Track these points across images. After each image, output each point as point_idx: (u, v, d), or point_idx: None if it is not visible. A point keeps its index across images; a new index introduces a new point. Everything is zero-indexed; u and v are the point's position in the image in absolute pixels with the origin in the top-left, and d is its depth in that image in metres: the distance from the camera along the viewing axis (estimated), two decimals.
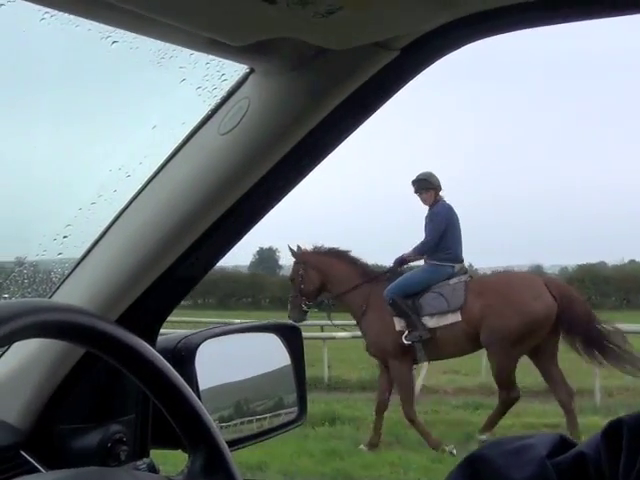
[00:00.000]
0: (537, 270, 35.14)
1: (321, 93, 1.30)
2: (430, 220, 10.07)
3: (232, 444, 1.61)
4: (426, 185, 10.07)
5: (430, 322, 9.76)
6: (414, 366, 10.50)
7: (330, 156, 1.42)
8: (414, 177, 10.16)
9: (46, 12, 1.12)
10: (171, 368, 1.22)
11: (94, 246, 1.48)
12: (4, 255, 1.77)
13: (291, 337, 1.80)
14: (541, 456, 0.89)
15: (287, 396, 1.79)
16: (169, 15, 1.07)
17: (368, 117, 1.36)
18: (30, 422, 1.49)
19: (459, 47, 1.27)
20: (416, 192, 10.14)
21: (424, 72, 1.32)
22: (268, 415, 1.74)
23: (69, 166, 1.71)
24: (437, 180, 10.17)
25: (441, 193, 10.17)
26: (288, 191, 1.44)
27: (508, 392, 9.66)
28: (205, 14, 1.06)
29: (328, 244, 10.68)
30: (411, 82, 1.34)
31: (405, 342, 9.75)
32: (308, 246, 10.75)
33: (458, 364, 14.02)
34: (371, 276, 10.34)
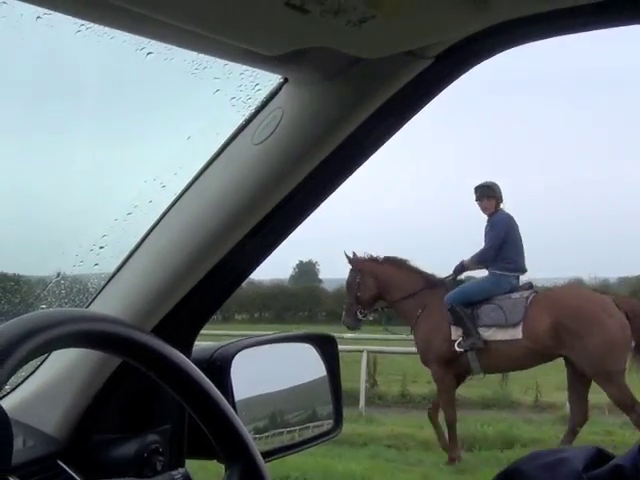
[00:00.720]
0: (578, 283, 34.58)
1: (355, 102, 1.30)
2: (490, 229, 9.93)
3: (267, 455, 1.61)
4: (488, 193, 9.93)
5: (486, 334, 9.56)
6: (468, 377, 10.29)
7: (364, 166, 1.42)
8: (477, 184, 10.05)
9: (82, 25, 1.13)
10: (206, 379, 1.22)
11: (130, 256, 1.49)
12: (42, 267, 1.79)
13: (327, 347, 1.79)
14: (577, 470, 0.88)
15: (322, 407, 1.78)
16: (203, 26, 1.07)
17: (402, 125, 1.36)
18: (67, 432, 1.50)
19: (493, 55, 1.27)
20: (477, 200, 10.01)
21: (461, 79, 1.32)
22: (303, 426, 1.73)
23: (105, 177, 1.72)
24: (499, 189, 10.03)
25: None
26: (322, 200, 1.44)
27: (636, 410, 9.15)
28: (239, 24, 1.06)
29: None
30: (446, 91, 1.34)
31: (457, 349, 9.62)
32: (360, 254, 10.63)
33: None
34: (429, 284, 10.19)
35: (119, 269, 1.50)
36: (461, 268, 10.26)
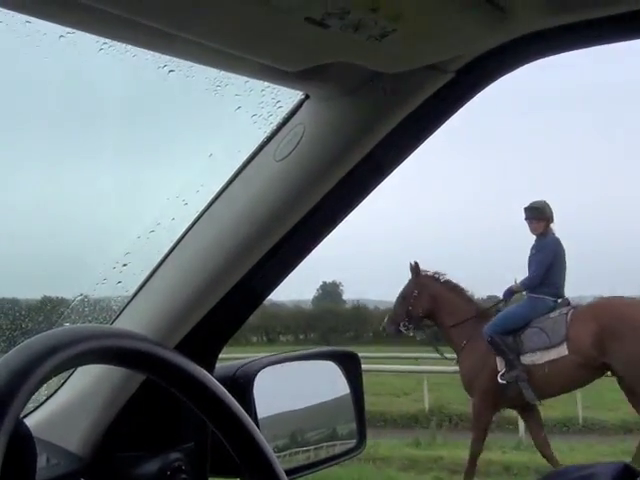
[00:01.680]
0: None
1: (376, 117, 1.30)
2: (537, 252, 9.73)
3: (289, 473, 1.60)
4: (538, 215, 9.69)
5: (533, 359, 9.36)
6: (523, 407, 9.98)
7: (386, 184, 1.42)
8: (527, 204, 9.81)
9: (104, 43, 1.14)
10: (230, 396, 1.22)
11: (153, 273, 1.49)
12: (66, 286, 1.80)
13: (350, 365, 1.78)
14: None
15: (346, 425, 1.77)
16: (223, 42, 1.08)
17: (424, 140, 1.35)
18: (91, 449, 1.50)
19: (514, 69, 1.26)
20: (526, 219, 9.78)
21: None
22: (326, 444, 1.72)
23: (128, 195, 1.73)
24: (550, 210, 9.77)
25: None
26: (344, 216, 1.44)
27: None
28: (259, 41, 1.07)
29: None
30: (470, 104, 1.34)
31: (500, 381, 9.41)
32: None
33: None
34: (482, 315, 9.97)
35: (142, 286, 1.50)
36: (510, 293, 10.06)
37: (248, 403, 1.52)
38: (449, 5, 1.04)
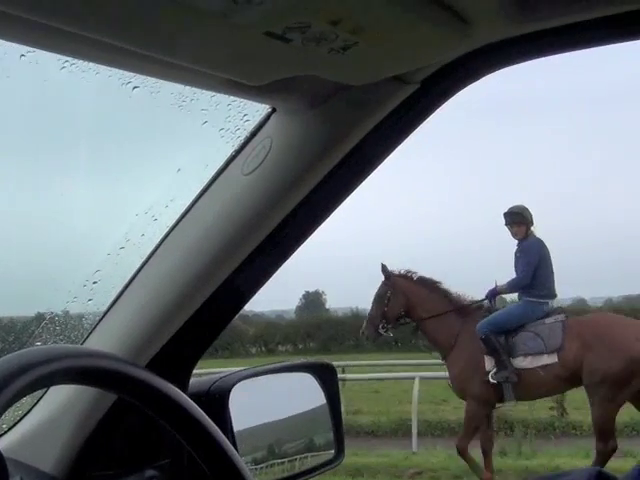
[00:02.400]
0: (581, 304, 34.43)
1: (343, 129, 1.30)
2: (522, 255, 9.79)
3: None
4: (518, 219, 9.78)
5: (524, 362, 9.42)
6: (498, 405, 10.06)
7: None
8: (506, 210, 9.88)
9: (66, 61, 1.13)
10: (202, 413, 1.21)
11: (124, 291, 1.48)
12: (35, 305, 1.78)
13: (326, 376, 1.77)
14: None
15: (323, 436, 1.76)
16: (186, 58, 1.07)
17: (392, 151, 1.36)
18: (65, 469, 1.49)
19: (479, 78, 1.27)
20: (507, 224, 9.86)
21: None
22: (304, 456, 1.72)
23: (96, 212, 1.72)
24: (529, 214, 9.87)
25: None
26: (314, 229, 1.43)
27: (606, 443, 9.08)
28: (222, 56, 1.06)
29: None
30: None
31: (491, 380, 9.45)
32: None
33: None
34: (461, 310, 10.02)
35: (113, 304, 1.49)
36: (494, 293, 10.09)
37: (223, 417, 1.51)
38: (411, 17, 1.04)
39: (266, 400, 1.73)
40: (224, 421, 1.50)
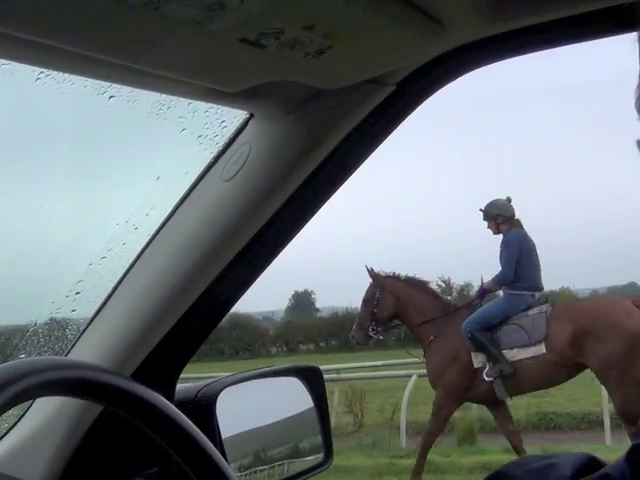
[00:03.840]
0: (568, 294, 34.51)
1: (321, 133, 1.30)
2: (504, 248, 9.74)
3: None
4: (497, 212, 9.73)
5: (510, 355, 9.34)
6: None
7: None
8: (484, 205, 9.86)
9: (41, 72, 1.13)
10: (188, 420, 1.21)
11: (107, 301, 1.48)
12: (18, 317, 1.78)
13: (313, 379, 1.78)
14: (565, 475, 0.87)
15: (311, 440, 1.76)
16: (162, 67, 1.07)
17: (370, 153, 1.36)
18: None
19: (455, 78, 1.28)
20: (486, 220, 9.85)
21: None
22: (292, 460, 1.72)
23: (76, 222, 1.72)
24: (510, 207, 9.81)
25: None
26: (296, 232, 1.44)
27: (635, 424, 8.86)
28: (196, 63, 1.07)
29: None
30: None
31: (486, 378, 9.39)
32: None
33: None
34: (450, 310, 10.00)
35: (96, 314, 1.49)
36: (483, 291, 10.08)
37: (211, 424, 1.51)
38: (384, 20, 1.05)
39: (254, 406, 1.72)
40: (212, 428, 1.50)
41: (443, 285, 31.35)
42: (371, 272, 10.32)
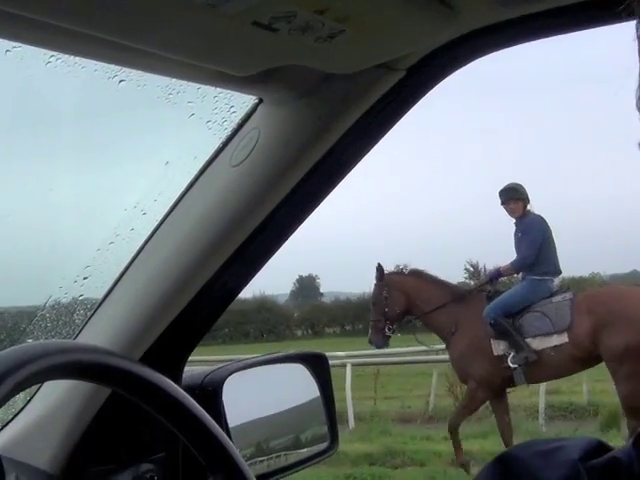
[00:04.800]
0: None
1: (330, 118, 1.30)
2: (524, 233, 9.48)
3: (264, 477, 1.60)
4: (514, 195, 9.50)
5: (533, 344, 9.15)
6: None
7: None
8: (501, 188, 9.60)
9: (52, 55, 1.13)
10: (196, 404, 1.21)
11: (115, 285, 1.48)
12: (27, 301, 1.78)
13: (318, 366, 1.78)
14: (573, 459, 0.87)
15: (317, 426, 1.77)
16: (173, 51, 1.07)
17: (380, 139, 1.36)
18: (61, 466, 1.49)
19: (465, 64, 1.27)
20: (503, 203, 9.57)
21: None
22: (298, 447, 1.72)
23: (85, 207, 1.72)
24: (525, 191, 9.59)
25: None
26: (305, 217, 1.44)
27: (638, 419, 8.60)
28: (208, 47, 1.06)
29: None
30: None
31: (511, 365, 9.19)
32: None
33: None
34: (460, 295, 9.82)
35: (105, 299, 1.49)
36: (497, 274, 9.89)
37: (217, 410, 1.51)
38: (397, 4, 1.04)
39: (259, 391, 1.73)
40: (218, 413, 1.50)
41: (472, 269, 31.20)
42: (379, 269, 10.09)
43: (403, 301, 9.92)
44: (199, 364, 1.66)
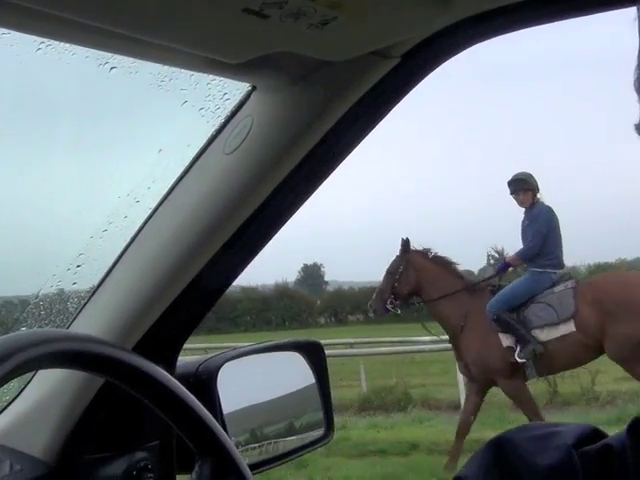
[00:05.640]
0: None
1: (324, 106, 1.29)
2: (531, 223, 9.46)
3: (258, 466, 1.60)
4: (524, 186, 9.46)
5: (540, 335, 9.12)
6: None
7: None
8: (510, 178, 9.55)
9: (42, 42, 1.12)
10: (189, 393, 1.21)
11: (108, 274, 1.47)
12: (19, 289, 1.78)
13: (314, 354, 1.78)
14: (567, 444, 0.87)
15: (313, 414, 1.77)
16: (165, 37, 1.06)
17: (374, 127, 1.35)
18: (55, 454, 1.49)
19: (460, 51, 1.26)
20: (512, 193, 9.52)
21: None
22: (293, 435, 1.72)
23: (77, 195, 1.71)
24: (535, 180, 9.53)
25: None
26: (299, 205, 1.43)
27: None
28: (199, 34, 1.05)
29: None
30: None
31: (519, 360, 9.16)
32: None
33: None
34: (472, 290, 9.71)
35: (98, 287, 1.48)
36: (505, 266, 9.90)
37: (212, 398, 1.51)
38: None
39: (255, 381, 1.73)
40: (212, 402, 1.50)
41: (496, 255, 31.01)
42: (405, 244, 10.01)
43: (414, 282, 9.83)
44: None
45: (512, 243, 9.85)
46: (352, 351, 16.17)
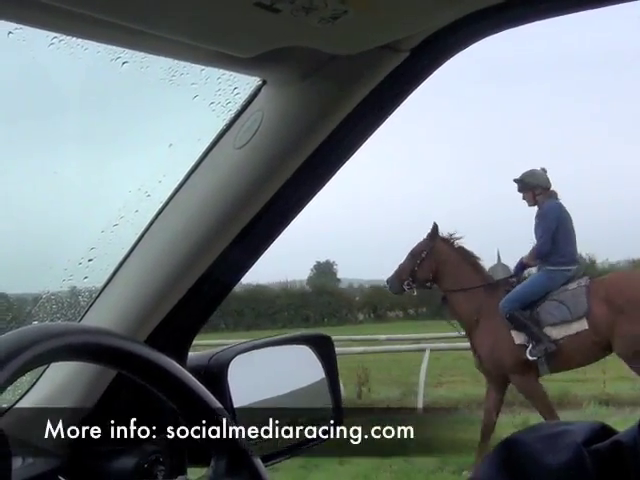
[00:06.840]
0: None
1: (334, 100, 1.29)
2: (540, 220, 9.33)
3: (270, 458, 1.60)
4: (524, 186, 9.33)
5: (553, 333, 9.01)
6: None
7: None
8: (518, 176, 9.39)
9: (54, 37, 1.13)
10: (200, 385, 1.22)
11: (119, 267, 1.48)
12: (32, 284, 1.78)
13: (323, 347, 1.78)
14: (577, 442, 0.88)
15: (322, 407, 1.77)
16: (175, 31, 1.07)
17: (383, 121, 1.35)
18: (67, 447, 1.50)
19: (469, 44, 1.26)
20: (520, 191, 9.39)
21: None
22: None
23: (88, 189, 1.72)
24: (544, 177, 9.35)
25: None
26: (309, 199, 1.43)
27: None
28: (210, 28, 1.06)
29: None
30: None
31: (530, 358, 9.07)
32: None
33: None
34: (490, 287, 9.57)
35: (109, 281, 1.49)
36: (522, 267, 9.72)
37: (222, 391, 1.52)
38: None
39: (265, 373, 1.73)
40: (223, 394, 1.51)
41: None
42: (434, 229, 9.82)
43: (433, 269, 9.71)
44: None
45: (527, 242, 9.68)
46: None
